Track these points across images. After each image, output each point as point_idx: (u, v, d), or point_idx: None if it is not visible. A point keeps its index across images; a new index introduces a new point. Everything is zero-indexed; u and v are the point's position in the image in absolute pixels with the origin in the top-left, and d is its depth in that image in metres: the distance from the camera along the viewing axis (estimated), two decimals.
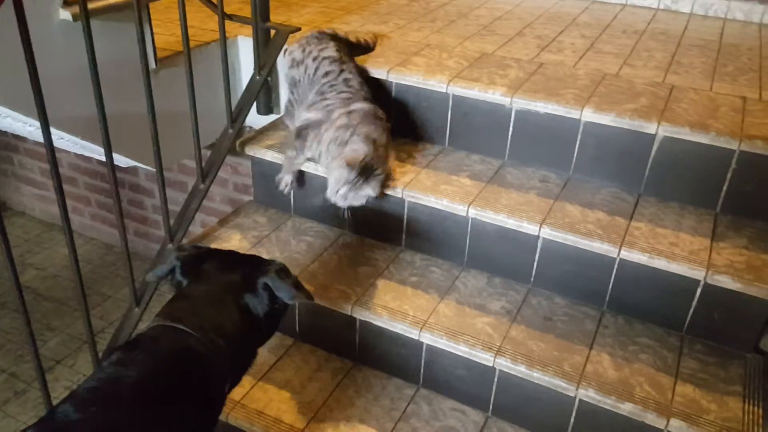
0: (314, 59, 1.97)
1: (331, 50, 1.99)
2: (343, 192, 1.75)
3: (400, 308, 1.77)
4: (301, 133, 1.91)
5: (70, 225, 1.61)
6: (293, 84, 2.04)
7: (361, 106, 1.88)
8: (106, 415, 1.10)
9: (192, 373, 1.22)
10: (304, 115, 1.94)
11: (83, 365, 3.18)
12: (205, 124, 2.07)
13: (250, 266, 1.42)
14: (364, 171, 1.73)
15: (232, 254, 1.52)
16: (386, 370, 1.87)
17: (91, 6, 1.75)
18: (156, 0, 2.03)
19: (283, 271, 1.40)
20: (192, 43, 2.27)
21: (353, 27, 2.51)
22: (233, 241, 2.03)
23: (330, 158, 1.81)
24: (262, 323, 1.39)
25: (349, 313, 1.79)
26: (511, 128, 1.99)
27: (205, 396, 1.24)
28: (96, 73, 1.54)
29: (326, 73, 1.94)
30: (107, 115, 1.60)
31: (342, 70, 1.94)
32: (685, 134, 1.76)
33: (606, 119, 1.83)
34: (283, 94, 2.39)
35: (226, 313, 1.33)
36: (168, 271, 1.43)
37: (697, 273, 1.60)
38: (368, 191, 1.77)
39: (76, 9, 1.74)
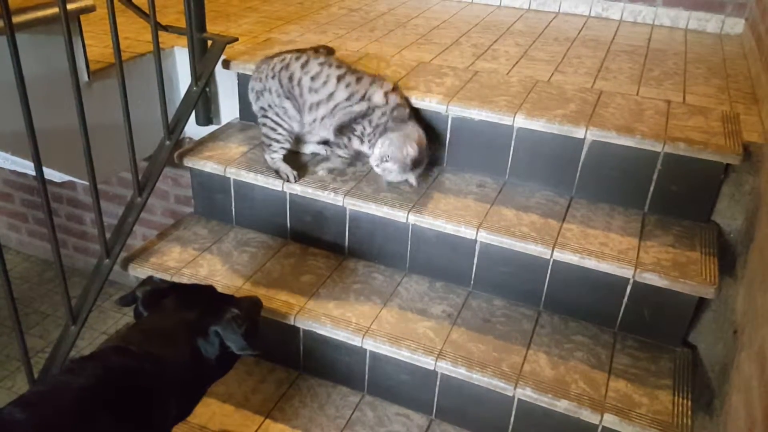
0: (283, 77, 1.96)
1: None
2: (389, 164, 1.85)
3: (343, 316, 1.78)
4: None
5: None
6: (264, 115, 2.00)
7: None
8: (50, 416, 1.14)
9: (135, 390, 1.26)
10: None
11: (22, 386, 3.08)
12: (143, 137, 2.05)
13: (206, 309, 1.45)
14: (418, 160, 1.86)
15: (195, 291, 1.55)
16: (331, 379, 1.88)
17: (18, 19, 1.72)
18: (86, 12, 1.99)
19: (235, 320, 1.42)
20: (126, 55, 2.25)
21: (292, 37, 2.52)
22: (173, 254, 2.01)
23: (390, 131, 1.87)
24: (213, 365, 1.42)
25: (292, 323, 1.79)
26: (448, 135, 2.03)
27: (144, 415, 1.26)
28: (23, 87, 1.50)
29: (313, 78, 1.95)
30: (39, 129, 1.57)
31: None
32: (612, 138, 1.82)
33: (537, 125, 1.88)
34: (226, 106, 2.39)
35: (176, 349, 1.37)
36: (130, 303, 1.49)
37: (626, 271, 1.66)
38: (410, 177, 1.88)
39: (1, 23, 1.70)
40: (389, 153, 1.83)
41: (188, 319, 1.42)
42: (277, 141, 1.97)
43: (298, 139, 2.05)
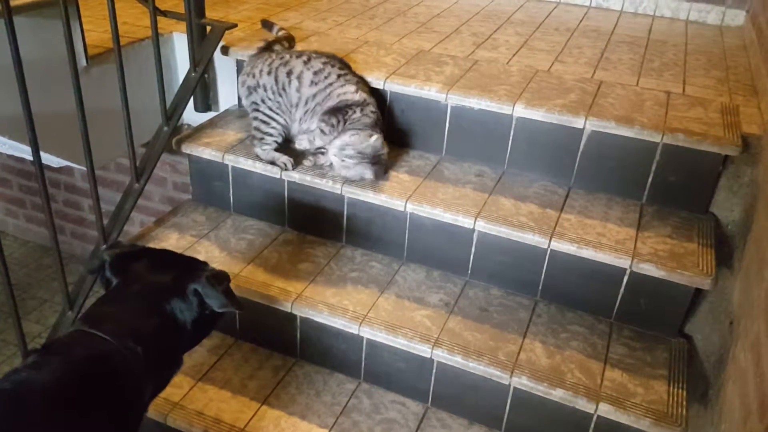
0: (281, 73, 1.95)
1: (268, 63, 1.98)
2: (350, 153, 1.84)
3: (340, 303, 1.78)
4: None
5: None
6: (257, 109, 1.98)
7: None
8: (16, 416, 1.09)
9: (104, 379, 1.21)
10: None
11: None
12: (141, 122, 2.04)
13: (182, 269, 1.41)
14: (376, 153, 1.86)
15: (166, 254, 1.51)
16: (328, 366, 1.89)
17: (16, 3, 1.71)
18: None
19: (215, 277, 1.38)
20: (125, 40, 2.24)
21: (291, 24, 2.51)
22: (171, 240, 2.01)
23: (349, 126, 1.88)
24: (189, 330, 1.36)
25: (289, 310, 1.79)
26: (447, 124, 2.03)
27: (118, 402, 1.22)
28: (21, 71, 1.50)
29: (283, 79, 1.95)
30: (37, 113, 1.57)
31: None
32: (612, 128, 1.82)
33: (537, 114, 1.88)
34: (225, 92, 2.38)
35: (148, 318, 1.31)
36: (98, 267, 1.41)
37: (623, 262, 1.67)
38: (367, 171, 1.86)
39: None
40: (350, 142, 1.84)
41: (163, 283, 1.36)
42: (270, 135, 1.96)
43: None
